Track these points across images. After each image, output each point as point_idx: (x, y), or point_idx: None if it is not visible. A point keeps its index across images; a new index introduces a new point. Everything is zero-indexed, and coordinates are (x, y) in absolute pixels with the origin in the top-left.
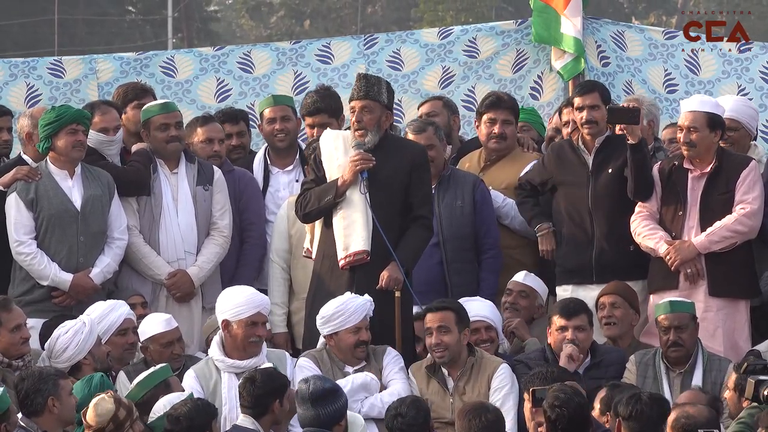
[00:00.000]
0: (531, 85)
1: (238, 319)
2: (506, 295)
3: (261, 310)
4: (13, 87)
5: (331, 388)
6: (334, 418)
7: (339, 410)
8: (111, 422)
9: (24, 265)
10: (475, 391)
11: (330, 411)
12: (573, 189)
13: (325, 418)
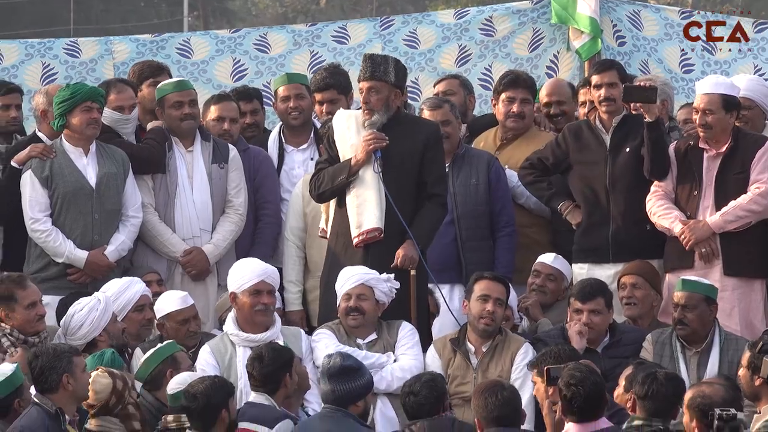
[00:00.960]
0: (547, 64)
1: (243, 289)
2: (533, 277)
3: (265, 278)
4: (29, 66)
5: (349, 366)
6: (351, 396)
7: (356, 389)
8: (112, 395)
9: (39, 243)
10: (498, 368)
11: (346, 389)
12: (590, 168)
13: (341, 395)
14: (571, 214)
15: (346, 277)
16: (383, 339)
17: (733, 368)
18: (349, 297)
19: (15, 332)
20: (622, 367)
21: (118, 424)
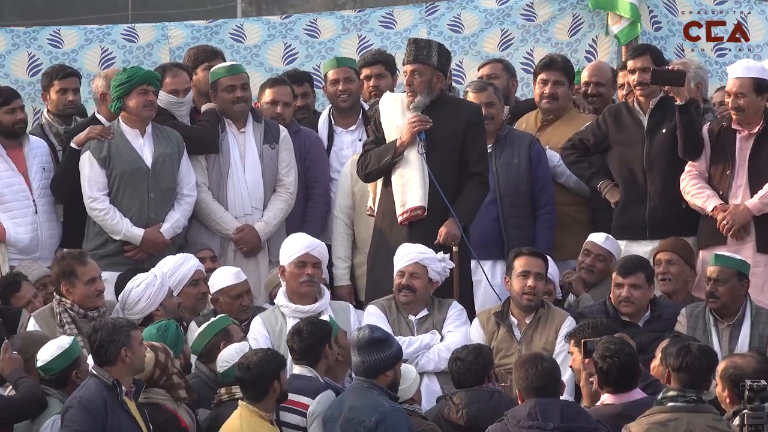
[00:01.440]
0: (586, 49)
1: (290, 260)
2: (584, 255)
3: (310, 251)
4: (88, 51)
5: (377, 337)
6: (379, 367)
7: (384, 360)
8: (156, 368)
9: (97, 221)
10: (542, 340)
11: (374, 359)
12: (628, 148)
13: (369, 366)
14: (610, 192)
15: (402, 254)
16: (433, 316)
17: (763, 341)
18: (403, 274)
19: (75, 307)
20: (660, 340)
21: (164, 395)
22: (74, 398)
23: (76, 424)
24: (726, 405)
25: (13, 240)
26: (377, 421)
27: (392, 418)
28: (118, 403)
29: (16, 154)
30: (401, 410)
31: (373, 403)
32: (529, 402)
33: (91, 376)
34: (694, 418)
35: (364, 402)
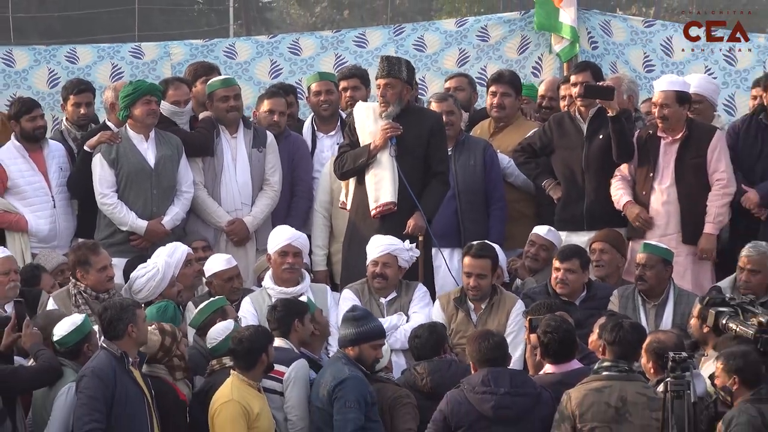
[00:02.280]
0: (533, 65)
1: (274, 249)
2: (529, 245)
3: (291, 242)
4: (101, 66)
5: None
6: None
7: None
8: (160, 350)
9: (107, 214)
10: (496, 323)
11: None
12: (569, 152)
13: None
14: (553, 190)
15: (375, 245)
16: (401, 298)
17: (685, 319)
18: (377, 264)
19: (88, 290)
20: (595, 317)
21: (164, 369)
22: (87, 368)
23: (89, 390)
24: (651, 375)
25: (34, 230)
26: (335, 385)
27: (349, 384)
28: (126, 372)
29: (36, 155)
30: (361, 379)
31: (337, 370)
32: (482, 371)
33: (101, 348)
34: (626, 386)
35: (332, 369)
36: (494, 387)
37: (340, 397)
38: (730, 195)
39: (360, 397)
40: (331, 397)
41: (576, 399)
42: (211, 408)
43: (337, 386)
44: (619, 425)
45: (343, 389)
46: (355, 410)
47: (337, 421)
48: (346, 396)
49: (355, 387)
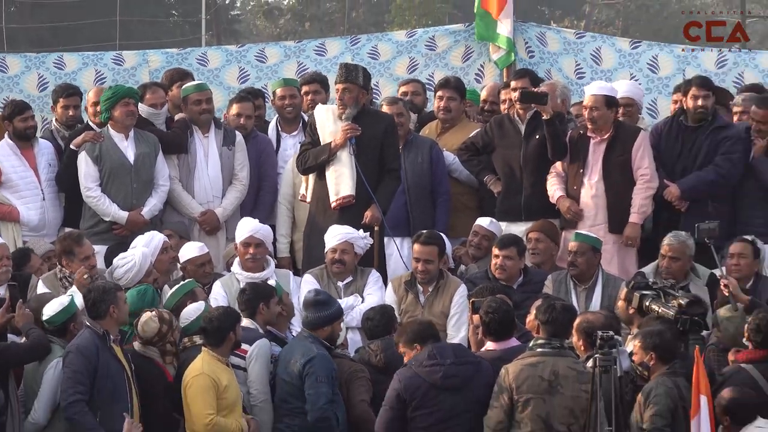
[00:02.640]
0: (476, 72)
1: (239, 240)
2: (473, 235)
3: (254, 233)
4: (85, 72)
5: (320, 299)
6: (318, 322)
7: (322, 318)
8: (156, 336)
9: (91, 206)
10: (441, 305)
11: (315, 316)
12: (509, 150)
13: (311, 321)
14: (494, 184)
15: (333, 234)
16: (357, 282)
17: (612, 301)
18: (335, 251)
19: (73, 275)
20: (531, 300)
21: (156, 352)
22: (72, 345)
23: (74, 365)
24: (581, 351)
25: (25, 220)
26: (304, 361)
27: (318, 361)
28: (107, 349)
29: (27, 153)
30: (328, 357)
31: (306, 348)
32: (427, 347)
33: (85, 327)
34: (558, 361)
35: (299, 347)
36: (441, 359)
37: (311, 373)
38: (653, 189)
39: (329, 372)
40: (302, 373)
41: (513, 373)
42: (184, 380)
43: (307, 363)
44: (551, 396)
45: (313, 366)
46: (326, 384)
47: (311, 395)
48: (317, 372)
49: (324, 364)
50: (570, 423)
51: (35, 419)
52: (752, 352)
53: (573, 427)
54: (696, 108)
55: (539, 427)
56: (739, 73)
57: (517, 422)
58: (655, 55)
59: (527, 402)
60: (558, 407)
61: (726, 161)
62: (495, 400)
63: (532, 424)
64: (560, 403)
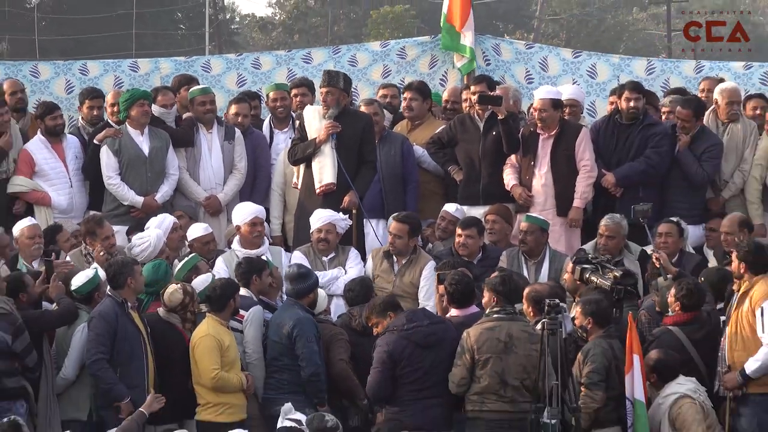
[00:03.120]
0: (440, 77)
1: (243, 221)
2: (440, 220)
3: (258, 214)
4: (106, 77)
5: (302, 272)
6: (303, 291)
7: (306, 287)
8: (179, 305)
9: (112, 192)
10: (411, 275)
11: (299, 286)
12: (469, 144)
13: (296, 290)
14: (457, 173)
15: (318, 217)
16: (339, 257)
17: (558, 274)
18: (320, 231)
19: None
20: (489, 272)
21: (177, 319)
22: (95, 311)
23: (96, 328)
24: (530, 317)
25: (55, 204)
26: (293, 324)
27: (304, 324)
28: (126, 315)
29: (57, 146)
30: (312, 320)
31: (293, 313)
32: (402, 314)
33: (107, 296)
34: (512, 325)
35: (288, 313)
36: (419, 321)
37: (301, 335)
38: (593, 178)
39: (316, 333)
40: (291, 334)
41: (474, 336)
42: (191, 341)
43: (295, 326)
44: (507, 355)
45: (302, 328)
46: (315, 343)
47: (304, 353)
48: (306, 333)
49: (311, 326)
50: (523, 378)
51: (65, 375)
52: (678, 316)
53: (525, 381)
54: (629, 109)
55: (496, 382)
56: (666, 78)
57: (477, 377)
58: (594, 64)
59: (486, 360)
60: (513, 365)
61: (655, 154)
62: (458, 359)
63: (490, 379)
64: (514, 361)
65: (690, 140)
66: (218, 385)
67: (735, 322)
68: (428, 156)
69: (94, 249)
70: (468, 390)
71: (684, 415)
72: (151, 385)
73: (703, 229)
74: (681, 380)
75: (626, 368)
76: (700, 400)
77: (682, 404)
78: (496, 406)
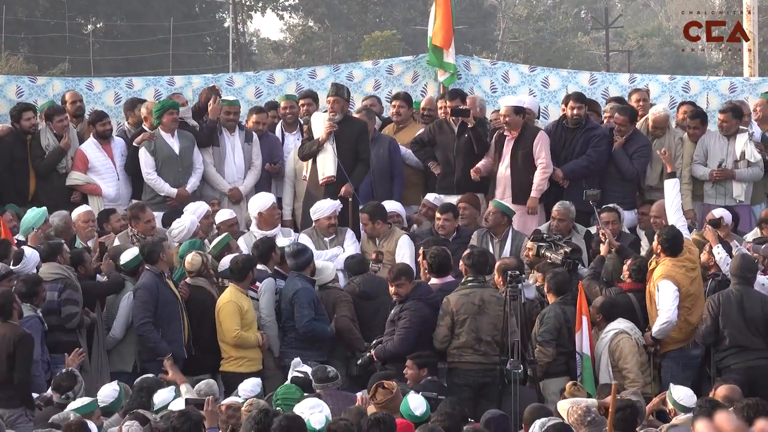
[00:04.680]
0: (421, 90)
1: (264, 208)
2: (422, 207)
3: (273, 201)
4: (147, 90)
5: (299, 248)
6: (302, 264)
7: (304, 261)
8: (202, 265)
9: (150, 184)
10: (388, 246)
11: (299, 260)
12: (446, 144)
13: (297, 263)
14: (435, 168)
15: (326, 206)
16: (338, 238)
17: (518, 251)
18: (329, 218)
19: (139, 234)
20: (462, 249)
21: (204, 281)
22: (140, 283)
23: (142, 297)
24: (500, 285)
25: (105, 194)
26: (293, 292)
27: (302, 292)
28: (164, 283)
29: (106, 147)
30: (308, 289)
31: (293, 284)
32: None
33: (146, 270)
34: (483, 291)
35: (291, 284)
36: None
37: (297, 302)
38: (548, 173)
39: (310, 300)
40: (291, 302)
41: (453, 300)
42: (217, 306)
43: (294, 295)
44: (480, 316)
45: (298, 296)
46: (307, 308)
47: (297, 317)
48: (300, 301)
49: (305, 294)
50: (494, 334)
51: (114, 335)
52: (632, 284)
53: (496, 337)
54: (572, 116)
55: (472, 338)
56: (605, 88)
57: (456, 335)
58: (546, 76)
59: (464, 321)
60: (485, 324)
61: (594, 152)
62: (441, 320)
63: (467, 336)
64: (487, 321)
65: (624, 141)
66: (238, 343)
67: (648, 293)
68: (411, 154)
69: (139, 231)
70: (449, 345)
71: (622, 348)
72: (187, 340)
73: (635, 213)
74: (620, 321)
75: (576, 327)
76: (635, 337)
77: (621, 338)
78: (472, 358)
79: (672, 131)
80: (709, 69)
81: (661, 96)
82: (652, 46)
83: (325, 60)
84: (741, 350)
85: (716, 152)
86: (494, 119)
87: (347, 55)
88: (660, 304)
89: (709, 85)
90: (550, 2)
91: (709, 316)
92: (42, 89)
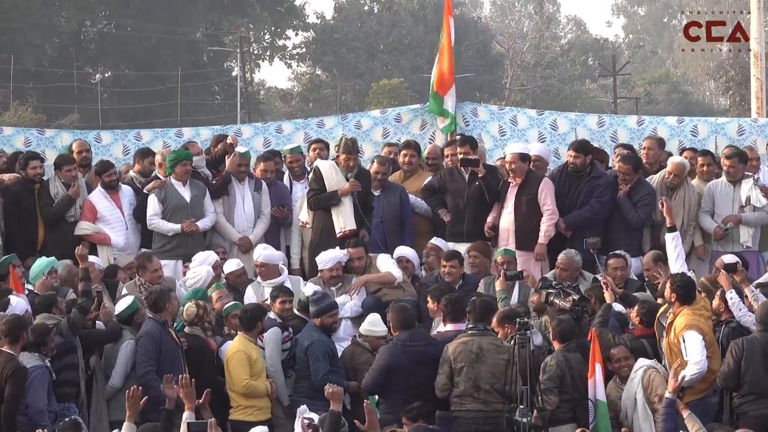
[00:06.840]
0: (429, 137)
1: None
2: (428, 249)
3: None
4: (155, 142)
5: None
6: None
7: (322, 309)
8: (196, 317)
9: (153, 229)
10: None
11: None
12: (456, 192)
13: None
14: (445, 215)
15: (330, 257)
16: (344, 286)
17: (525, 298)
18: (332, 270)
19: (146, 283)
20: (469, 296)
21: (199, 330)
22: (143, 331)
23: (145, 346)
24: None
25: (114, 244)
26: (307, 345)
27: (316, 344)
28: (167, 333)
29: (114, 196)
30: (324, 341)
31: (309, 335)
32: (405, 331)
33: (149, 318)
34: (482, 339)
35: (307, 334)
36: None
37: (311, 354)
38: (554, 219)
39: (324, 353)
40: (307, 353)
41: (451, 348)
42: (225, 356)
43: (309, 346)
44: (478, 364)
45: (313, 348)
46: (322, 361)
47: (312, 370)
48: (315, 353)
49: (320, 347)
50: (493, 383)
51: (113, 384)
52: (642, 330)
53: (495, 385)
54: (571, 164)
55: (470, 386)
56: (614, 130)
57: (456, 384)
58: (555, 119)
59: (461, 369)
60: (483, 372)
61: (597, 203)
62: (440, 369)
63: (465, 384)
64: (485, 369)
65: (629, 190)
66: (248, 392)
67: (667, 345)
68: (420, 202)
69: (146, 280)
70: (450, 394)
71: (654, 380)
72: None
73: (640, 260)
74: (642, 360)
75: (589, 374)
76: (662, 371)
77: (651, 372)
78: (473, 406)
79: (690, 186)
80: (717, 115)
81: (669, 140)
82: (660, 93)
83: (333, 108)
84: (759, 397)
85: (723, 199)
86: (500, 165)
87: (355, 102)
88: (689, 356)
89: (718, 128)
90: (558, 50)
91: (733, 359)
92: (50, 141)
